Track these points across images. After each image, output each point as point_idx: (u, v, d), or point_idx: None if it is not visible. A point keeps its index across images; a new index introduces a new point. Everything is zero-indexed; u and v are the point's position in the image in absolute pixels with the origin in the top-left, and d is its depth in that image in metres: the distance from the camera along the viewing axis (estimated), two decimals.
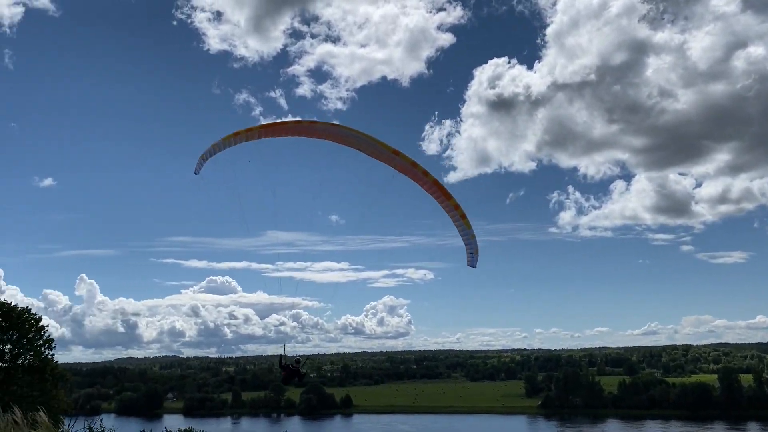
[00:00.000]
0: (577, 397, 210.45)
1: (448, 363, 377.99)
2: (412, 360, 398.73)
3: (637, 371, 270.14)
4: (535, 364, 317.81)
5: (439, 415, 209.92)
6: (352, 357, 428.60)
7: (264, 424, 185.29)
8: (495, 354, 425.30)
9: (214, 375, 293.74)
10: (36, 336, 40.59)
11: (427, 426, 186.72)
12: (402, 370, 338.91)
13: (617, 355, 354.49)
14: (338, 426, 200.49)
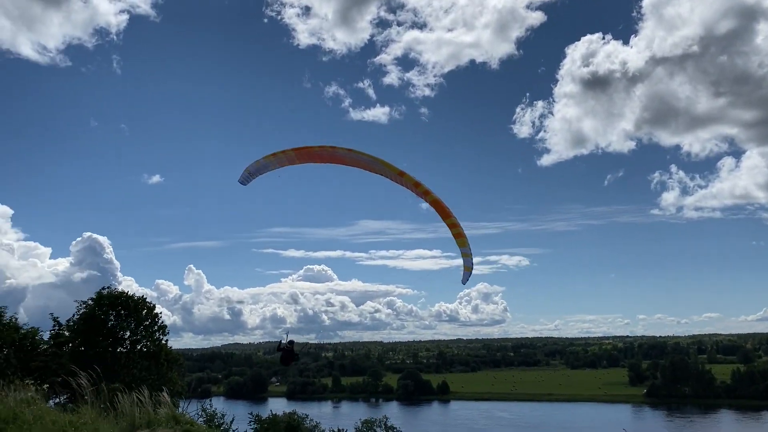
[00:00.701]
0: (686, 386, 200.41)
1: (547, 350, 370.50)
2: (509, 347, 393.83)
3: (752, 359, 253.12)
4: (639, 352, 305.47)
5: (538, 402, 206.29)
6: (447, 344, 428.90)
7: (363, 408, 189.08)
8: (596, 341, 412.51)
9: (314, 360, 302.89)
10: (152, 323, 43.35)
11: (526, 414, 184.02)
12: (499, 358, 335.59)
13: (729, 342, 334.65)
14: (437, 412, 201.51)
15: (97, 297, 41.92)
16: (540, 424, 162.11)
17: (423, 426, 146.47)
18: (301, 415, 57.26)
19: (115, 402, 14.59)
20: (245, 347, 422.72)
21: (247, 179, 13.37)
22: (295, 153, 12.67)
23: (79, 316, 41.17)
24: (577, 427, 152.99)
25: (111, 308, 41.84)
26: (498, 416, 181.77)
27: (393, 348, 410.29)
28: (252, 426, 41.53)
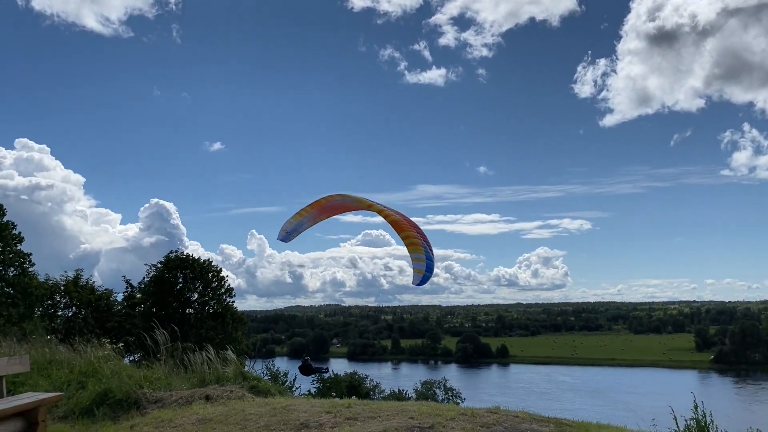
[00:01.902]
0: (756, 353, 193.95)
1: (609, 315, 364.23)
2: (570, 312, 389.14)
3: None
4: (707, 317, 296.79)
5: (600, 367, 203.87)
6: (506, 308, 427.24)
7: (422, 369, 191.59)
8: (661, 306, 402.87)
9: (373, 323, 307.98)
10: (218, 285, 44.80)
11: (588, 378, 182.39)
12: (559, 322, 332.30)
13: None
14: (496, 374, 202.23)
15: (165, 260, 43.56)
16: (603, 388, 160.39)
17: (483, 388, 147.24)
18: (362, 375, 58.39)
19: (186, 360, 15.12)
20: (307, 309, 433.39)
21: (287, 237, 13.75)
22: (314, 210, 13.22)
23: (149, 279, 42.92)
24: (641, 392, 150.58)
25: (179, 271, 43.42)
26: (560, 380, 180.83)
27: (451, 312, 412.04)
28: (315, 385, 42.59)
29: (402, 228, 12.40)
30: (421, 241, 12.31)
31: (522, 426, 10.42)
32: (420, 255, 12.21)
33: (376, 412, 11.26)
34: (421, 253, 12.20)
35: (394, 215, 12.30)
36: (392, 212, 12.39)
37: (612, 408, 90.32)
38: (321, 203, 13.12)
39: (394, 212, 12.65)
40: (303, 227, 13.54)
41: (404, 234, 12.33)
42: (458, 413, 11.02)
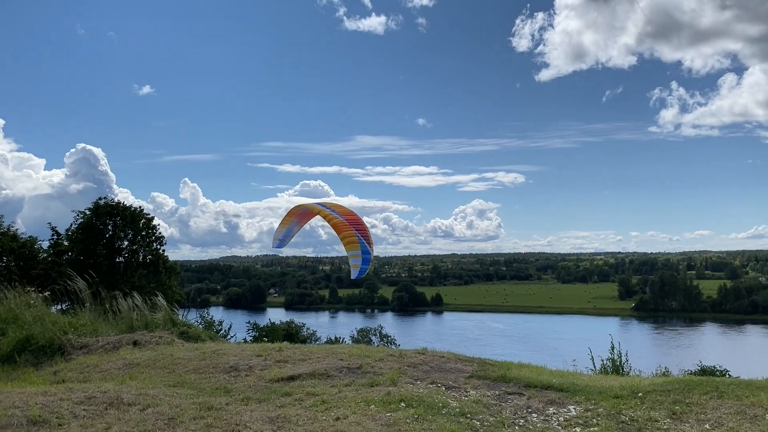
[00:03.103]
0: (674, 301, 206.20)
1: (539, 265, 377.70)
2: (502, 262, 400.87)
3: (739, 275, 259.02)
4: (630, 268, 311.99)
5: (529, 314, 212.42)
6: (441, 258, 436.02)
7: (359, 318, 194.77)
8: (587, 257, 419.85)
9: (311, 273, 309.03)
10: (149, 233, 43.66)
11: (518, 324, 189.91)
12: (491, 272, 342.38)
13: (719, 259, 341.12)
14: (430, 322, 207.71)
15: (94, 207, 42.01)
16: (532, 334, 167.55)
17: (418, 334, 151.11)
18: (299, 323, 58.82)
19: (114, 306, 14.82)
20: (243, 260, 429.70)
21: (282, 244, 14.69)
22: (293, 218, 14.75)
23: (77, 226, 41.37)
24: (568, 338, 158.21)
25: (108, 218, 42.03)
26: (492, 327, 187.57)
27: (389, 262, 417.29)
28: (250, 333, 42.66)
29: (340, 230, 13.40)
30: (359, 237, 13.22)
31: (447, 365, 10.78)
32: (356, 252, 13.19)
33: (307, 355, 11.41)
34: (357, 249, 13.18)
35: (335, 218, 13.33)
36: (335, 216, 13.42)
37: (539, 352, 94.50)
38: (295, 212, 14.37)
39: (342, 211, 13.64)
40: (293, 232, 14.67)
41: (342, 235, 13.36)
42: (387, 354, 11.29)
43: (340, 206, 14.03)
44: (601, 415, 8.07)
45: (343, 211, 13.75)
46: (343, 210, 13.80)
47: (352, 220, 13.58)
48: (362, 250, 13.20)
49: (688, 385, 9.17)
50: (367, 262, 13.41)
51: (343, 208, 13.95)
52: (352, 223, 13.56)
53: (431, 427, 6.94)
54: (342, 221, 13.42)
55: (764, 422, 7.73)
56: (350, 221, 13.52)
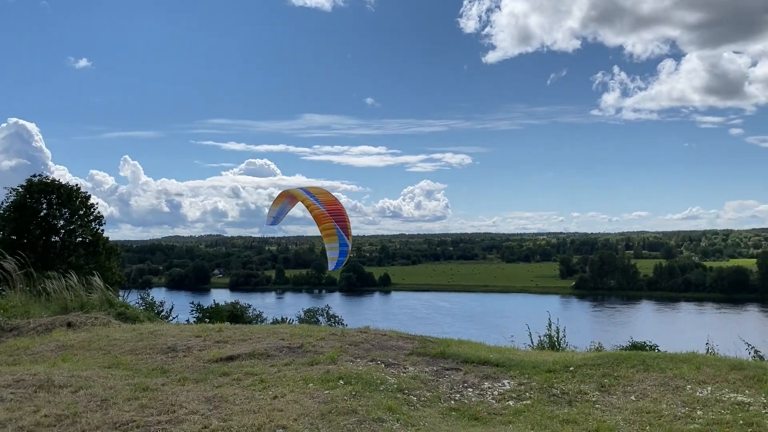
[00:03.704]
0: (612, 279, 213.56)
1: (484, 245, 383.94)
2: (449, 242, 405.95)
3: (674, 255, 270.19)
4: (571, 247, 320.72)
5: (474, 293, 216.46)
6: (390, 239, 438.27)
7: (307, 298, 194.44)
8: (531, 237, 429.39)
9: (257, 253, 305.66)
10: (86, 213, 42.25)
11: (463, 303, 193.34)
12: (438, 252, 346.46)
13: (655, 239, 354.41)
14: (378, 301, 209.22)
15: (27, 184, 40.31)
16: (477, 313, 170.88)
17: (365, 314, 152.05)
18: (244, 304, 58.22)
19: (48, 287, 14.36)
20: (186, 240, 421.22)
21: (276, 221, 14.70)
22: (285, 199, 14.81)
23: (8, 204, 39.66)
24: (511, 316, 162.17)
25: (43, 196, 40.44)
26: (439, 306, 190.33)
27: None
28: (194, 315, 42.01)
29: (321, 221, 13.60)
30: (337, 229, 13.51)
31: (389, 343, 10.90)
32: (334, 244, 13.44)
33: (248, 336, 11.34)
34: (335, 242, 13.44)
35: (317, 209, 13.49)
36: (317, 206, 13.56)
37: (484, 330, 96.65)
38: (284, 195, 14.49)
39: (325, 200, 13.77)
40: (286, 210, 14.78)
41: (322, 227, 13.60)
42: (329, 333, 11.33)
43: (324, 193, 14.05)
44: (534, 389, 8.34)
45: (326, 200, 13.93)
46: (326, 198, 13.97)
47: (334, 211, 13.84)
48: (340, 243, 13.50)
49: (617, 359, 9.57)
50: (344, 254, 13.70)
51: (327, 195, 14.01)
52: (333, 213, 13.75)
53: (368, 404, 7.03)
54: (323, 212, 13.56)
55: (685, 393, 8.15)
56: (331, 211, 13.77)
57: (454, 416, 7.21)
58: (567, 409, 7.63)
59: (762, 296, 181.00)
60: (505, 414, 7.39)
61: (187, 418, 6.69)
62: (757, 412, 7.47)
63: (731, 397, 7.93)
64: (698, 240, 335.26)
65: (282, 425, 6.35)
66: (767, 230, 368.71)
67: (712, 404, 7.71)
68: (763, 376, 8.63)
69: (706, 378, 8.62)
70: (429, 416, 7.00)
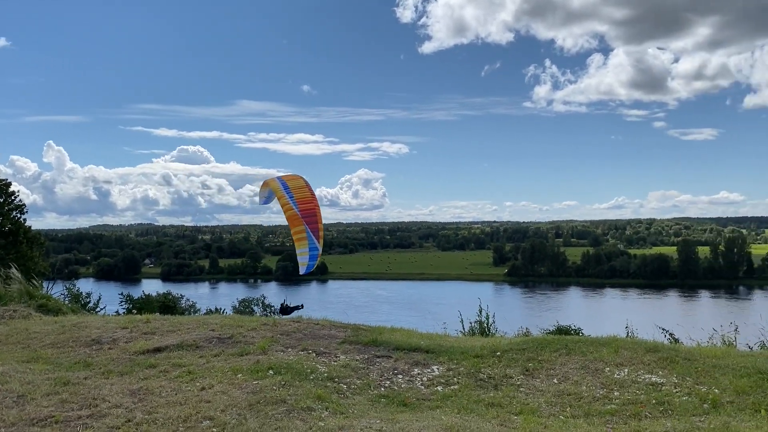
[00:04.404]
0: (542, 267, 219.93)
1: (421, 234, 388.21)
2: (386, 231, 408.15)
3: (601, 243, 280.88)
4: (504, 236, 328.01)
5: (411, 281, 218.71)
6: (327, 228, 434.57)
7: (242, 288, 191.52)
8: (466, 225, 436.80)
9: (190, 243, 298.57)
10: (6, 201, 40.19)
11: (400, 291, 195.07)
12: (376, 240, 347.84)
13: (583, 227, 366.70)
14: (315, 290, 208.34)
15: None
16: (414, 300, 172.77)
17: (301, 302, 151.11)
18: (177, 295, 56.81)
19: None
20: (115, 228, 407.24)
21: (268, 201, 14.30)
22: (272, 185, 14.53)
23: None
24: (447, 303, 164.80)
25: None
26: (376, 294, 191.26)
27: (273, 231, 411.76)
28: (123, 306, 40.74)
29: (293, 225, 13.60)
30: (308, 233, 13.54)
31: (321, 332, 10.91)
32: (303, 249, 13.56)
33: (176, 327, 11.11)
34: (305, 246, 13.55)
35: (291, 210, 13.46)
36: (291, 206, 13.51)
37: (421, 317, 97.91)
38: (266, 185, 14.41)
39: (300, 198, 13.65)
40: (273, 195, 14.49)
41: (293, 231, 13.62)
42: (260, 324, 11.23)
43: (301, 188, 13.76)
44: (462, 374, 8.54)
45: (301, 197, 13.75)
46: (302, 196, 13.76)
47: (307, 211, 13.74)
48: (310, 247, 13.50)
49: (541, 343, 9.91)
50: (314, 258, 13.71)
51: (303, 192, 13.71)
52: (305, 214, 13.57)
53: (297, 393, 7.04)
54: (295, 214, 13.42)
55: (604, 375, 8.53)
56: (304, 212, 13.63)
57: (384, 403, 7.31)
58: (493, 393, 7.87)
59: (681, 282, 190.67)
60: (433, 399, 7.55)
61: (109, 412, 6.52)
62: (668, 391, 7.91)
63: (646, 378, 8.37)
64: (623, 228, 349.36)
65: (209, 416, 6.28)
66: (687, 219, 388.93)
67: (628, 385, 8.11)
68: (676, 358, 9.14)
69: (624, 360, 9.05)
70: (358, 404, 7.07)
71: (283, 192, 13.79)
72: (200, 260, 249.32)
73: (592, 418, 7.07)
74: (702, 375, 8.44)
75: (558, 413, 7.22)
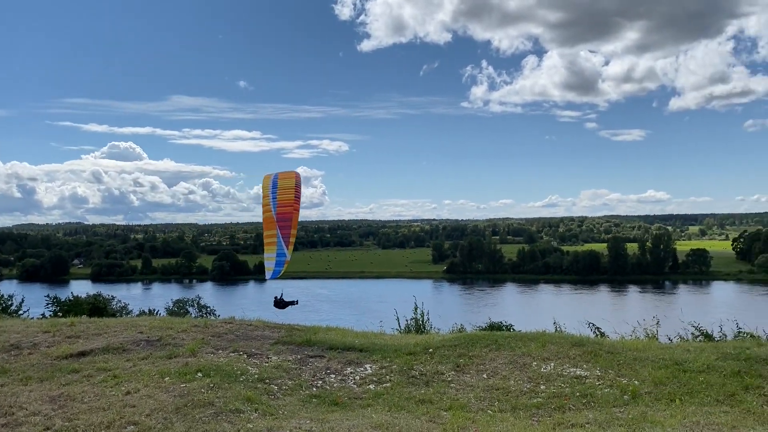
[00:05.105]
0: (480, 264, 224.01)
1: (361, 232, 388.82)
2: (326, 229, 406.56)
3: (535, 240, 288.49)
4: (443, 233, 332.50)
5: (351, 280, 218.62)
6: None
7: (176, 288, 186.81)
8: (406, 224, 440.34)
9: (122, 242, 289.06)
10: None
11: (341, 289, 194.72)
12: (316, 239, 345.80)
13: (519, 225, 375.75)
14: (253, 290, 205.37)
15: None
16: (355, 298, 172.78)
17: (241, 303, 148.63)
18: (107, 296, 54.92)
19: None
20: (41, 228, 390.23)
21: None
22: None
23: None
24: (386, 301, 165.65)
25: None
26: (317, 293, 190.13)
27: (208, 230, 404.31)
28: (50, 308, 39.09)
29: (266, 228, 13.53)
30: (278, 238, 13.38)
31: (254, 333, 10.78)
32: (271, 254, 13.41)
33: (103, 329, 10.77)
34: (272, 252, 13.40)
35: (268, 212, 13.39)
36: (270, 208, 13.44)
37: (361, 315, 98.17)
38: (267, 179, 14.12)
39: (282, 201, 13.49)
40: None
41: (265, 234, 13.54)
42: (191, 325, 11.01)
43: (287, 189, 13.44)
44: (394, 372, 8.61)
45: (283, 199, 13.37)
46: (284, 198, 13.37)
47: (283, 215, 13.36)
48: (277, 252, 13.31)
49: (472, 339, 10.11)
50: (281, 264, 13.43)
51: (287, 193, 13.38)
52: (281, 218, 13.28)
53: (226, 395, 6.93)
54: (271, 217, 13.25)
55: (531, 369, 8.77)
56: (280, 216, 13.27)
57: (315, 403, 7.29)
58: (424, 389, 7.97)
59: (611, 277, 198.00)
60: (365, 398, 7.58)
61: (27, 420, 6.26)
62: (592, 384, 8.21)
63: (571, 371, 8.66)
64: (557, 226, 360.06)
65: (133, 422, 6.11)
66: (617, 217, 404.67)
67: (554, 379, 8.37)
68: (599, 351, 9.50)
69: (550, 355, 9.34)
70: (289, 404, 7.03)
71: (270, 192, 13.64)
72: (132, 260, 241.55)
73: (518, 411, 7.27)
74: (623, 367, 8.80)
75: (486, 408, 7.38)
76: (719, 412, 7.17)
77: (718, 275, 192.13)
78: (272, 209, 13.36)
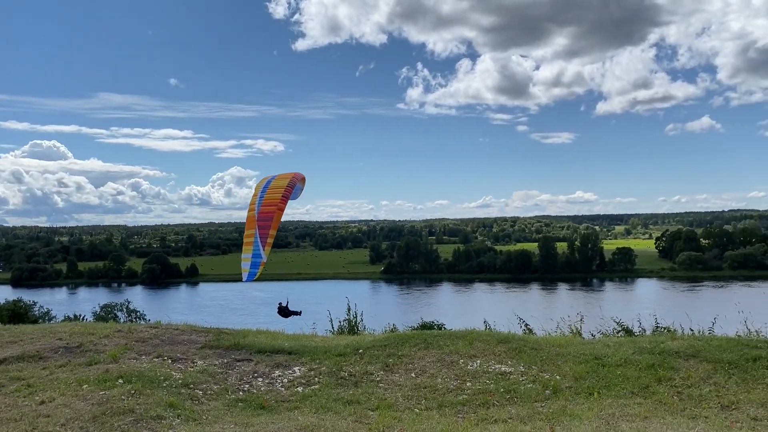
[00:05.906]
0: (417, 264, 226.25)
1: (298, 233, 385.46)
2: None
3: (470, 240, 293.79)
4: (380, 234, 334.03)
5: (288, 282, 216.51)
6: (197, 227, 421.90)
7: (104, 293, 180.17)
8: (343, 225, 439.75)
9: (45, 245, 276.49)
10: None
11: (278, 291, 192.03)
12: None
13: (454, 225, 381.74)
14: (185, 293, 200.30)
15: None
16: (292, 300, 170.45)
17: (173, 307, 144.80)
18: (29, 302, 52.55)
19: None
20: None
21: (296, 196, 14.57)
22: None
23: None
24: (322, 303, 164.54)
25: None
26: (253, 295, 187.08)
27: (138, 232, 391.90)
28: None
29: (248, 226, 13.20)
30: (256, 238, 13.04)
31: (181, 337, 10.55)
32: (247, 255, 13.02)
33: (18, 337, 10.30)
34: (248, 252, 13.01)
35: (251, 212, 13.12)
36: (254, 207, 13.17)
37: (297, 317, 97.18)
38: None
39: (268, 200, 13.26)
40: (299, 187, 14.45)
41: (245, 233, 13.18)
42: (114, 330, 10.68)
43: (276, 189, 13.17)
44: (323, 373, 8.60)
45: (270, 199, 12.99)
46: (271, 197, 13.00)
47: (265, 215, 12.93)
48: (253, 254, 12.85)
49: (402, 339, 10.21)
50: (257, 266, 12.94)
51: (275, 192, 13.10)
52: (262, 218, 12.89)
53: (147, 402, 6.76)
54: (253, 216, 12.87)
55: (458, 367, 8.94)
56: (262, 215, 12.86)
57: (240, 407, 7.21)
58: (352, 390, 7.99)
59: (542, 276, 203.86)
60: (292, 400, 7.54)
61: None
62: (516, 380, 8.44)
63: (496, 368, 8.88)
64: (491, 226, 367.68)
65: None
66: (547, 217, 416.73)
67: (479, 376, 8.56)
68: (524, 348, 9.78)
69: (477, 352, 9.54)
70: (213, 409, 6.92)
71: (260, 191, 13.32)
72: (57, 264, 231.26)
73: (444, 409, 7.40)
74: (546, 363, 9.09)
75: (413, 406, 7.47)
76: (633, 404, 7.52)
77: (642, 273, 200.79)
78: (256, 209, 13.08)
